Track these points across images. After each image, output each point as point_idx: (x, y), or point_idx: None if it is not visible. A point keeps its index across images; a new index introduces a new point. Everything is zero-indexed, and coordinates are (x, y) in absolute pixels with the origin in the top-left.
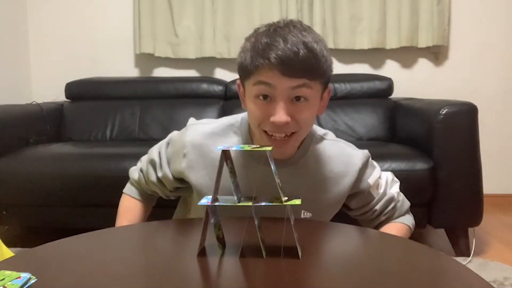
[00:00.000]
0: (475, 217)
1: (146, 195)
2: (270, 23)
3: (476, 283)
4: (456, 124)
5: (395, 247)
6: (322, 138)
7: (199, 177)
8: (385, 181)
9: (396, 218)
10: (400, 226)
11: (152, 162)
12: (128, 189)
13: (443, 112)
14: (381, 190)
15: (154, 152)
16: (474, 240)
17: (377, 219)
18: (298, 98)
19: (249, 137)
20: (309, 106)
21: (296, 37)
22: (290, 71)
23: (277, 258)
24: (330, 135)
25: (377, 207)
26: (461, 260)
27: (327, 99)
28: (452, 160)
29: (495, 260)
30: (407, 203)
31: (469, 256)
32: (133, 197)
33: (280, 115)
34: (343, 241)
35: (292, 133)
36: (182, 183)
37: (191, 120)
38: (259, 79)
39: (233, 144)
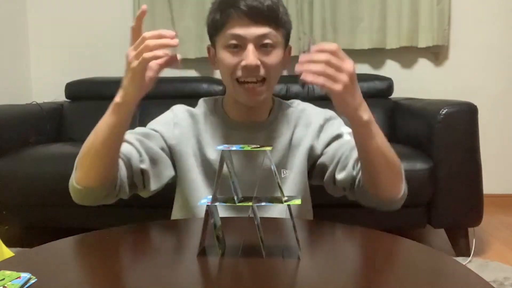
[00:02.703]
0: (475, 217)
1: None
2: None
3: (476, 283)
4: (456, 124)
5: (395, 247)
6: (289, 106)
7: (189, 145)
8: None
9: None
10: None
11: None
12: None
13: (443, 112)
14: (350, 137)
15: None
16: (474, 240)
17: (348, 165)
18: (265, 45)
19: (223, 115)
20: (276, 52)
21: None
22: (258, 18)
23: (277, 258)
24: (296, 102)
25: (352, 153)
26: (461, 260)
27: (289, 57)
28: (452, 160)
29: (495, 260)
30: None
31: (469, 256)
32: None
33: (251, 58)
34: (343, 241)
35: (263, 79)
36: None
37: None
38: (230, 32)
39: (214, 121)
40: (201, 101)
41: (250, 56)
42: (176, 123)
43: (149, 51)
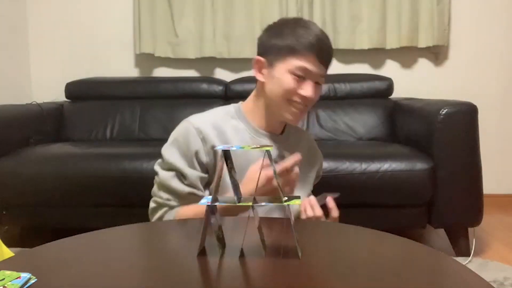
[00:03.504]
0: (475, 217)
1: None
2: (287, 17)
3: (476, 283)
4: (456, 124)
5: (395, 247)
6: (299, 129)
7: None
8: None
9: None
10: None
11: (174, 186)
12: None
13: (443, 112)
14: None
15: (167, 178)
16: (474, 240)
17: None
18: (317, 83)
19: (246, 121)
20: (320, 90)
21: (323, 33)
22: (324, 60)
23: (277, 258)
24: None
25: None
26: (461, 260)
27: None
28: (452, 160)
29: (495, 260)
30: None
31: (469, 256)
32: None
33: (311, 92)
34: (343, 241)
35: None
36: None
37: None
38: (302, 64)
39: (238, 126)
40: (219, 108)
41: (311, 89)
42: (203, 139)
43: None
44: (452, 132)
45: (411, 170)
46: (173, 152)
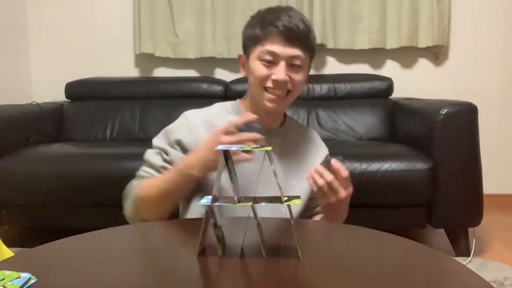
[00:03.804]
0: (475, 217)
1: None
2: (271, 6)
3: (476, 283)
4: (456, 124)
5: (395, 247)
6: (300, 123)
7: None
8: None
9: None
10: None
11: (152, 160)
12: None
13: (443, 112)
14: None
15: (149, 154)
16: (474, 240)
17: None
18: (293, 65)
19: (238, 113)
20: (302, 72)
21: (297, 16)
22: (292, 40)
23: (277, 258)
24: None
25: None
26: (461, 260)
27: (307, 74)
28: (452, 160)
29: (495, 260)
30: None
31: (469, 256)
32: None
33: (282, 73)
34: (343, 241)
35: (288, 91)
36: None
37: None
38: (267, 48)
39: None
40: (216, 104)
41: (282, 72)
42: (191, 130)
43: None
44: (452, 132)
45: (411, 170)
46: (160, 138)
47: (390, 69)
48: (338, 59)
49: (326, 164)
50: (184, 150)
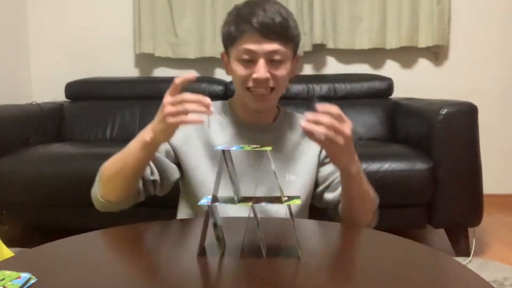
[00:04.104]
0: (475, 217)
1: None
2: (248, 0)
3: (476, 283)
4: (456, 124)
5: (395, 247)
6: (294, 114)
7: (195, 146)
8: None
9: None
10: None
11: None
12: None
13: (443, 112)
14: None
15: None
16: (474, 240)
17: (337, 191)
18: (274, 61)
19: (232, 115)
20: (284, 66)
21: (272, 8)
22: (269, 35)
23: (277, 258)
24: (303, 114)
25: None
26: (461, 260)
27: (295, 65)
28: (452, 160)
29: (495, 260)
30: None
31: (469, 256)
32: None
33: (262, 72)
34: (343, 241)
35: (272, 89)
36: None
37: None
38: (243, 46)
39: (223, 121)
40: (222, 106)
41: (261, 70)
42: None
43: (186, 114)
44: (452, 132)
45: (411, 170)
46: None
47: (390, 69)
48: (338, 59)
49: (313, 105)
50: (172, 146)
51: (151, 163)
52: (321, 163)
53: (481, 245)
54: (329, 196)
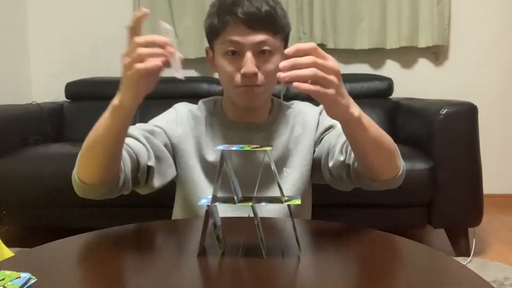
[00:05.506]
0: (475, 217)
1: None
2: None
3: (476, 283)
4: (456, 124)
5: (395, 247)
6: (288, 107)
7: (190, 145)
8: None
9: None
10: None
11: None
12: None
13: (443, 112)
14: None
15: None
16: (474, 240)
17: (345, 154)
18: (263, 52)
19: (222, 115)
20: (274, 58)
21: None
22: (255, 25)
23: (277, 258)
24: (295, 103)
25: (338, 139)
26: (461, 260)
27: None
28: (452, 160)
29: (495, 260)
30: None
31: (469, 256)
32: None
33: (249, 66)
34: (343, 241)
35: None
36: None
37: None
38: (228, 38)
39: (213, 122)
40: (200, 103)
41: (249, 64)
42: (179, 122)
43: (141, 61)
44: (452, 132)
45: (411, 170)
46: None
47: (390, 69)
48: (338, 59)
49: (286, 58)
50: (171, 142)
51: (149, 147)
52: (318, 141)
53: (481, 245)
54: (331, 163)
